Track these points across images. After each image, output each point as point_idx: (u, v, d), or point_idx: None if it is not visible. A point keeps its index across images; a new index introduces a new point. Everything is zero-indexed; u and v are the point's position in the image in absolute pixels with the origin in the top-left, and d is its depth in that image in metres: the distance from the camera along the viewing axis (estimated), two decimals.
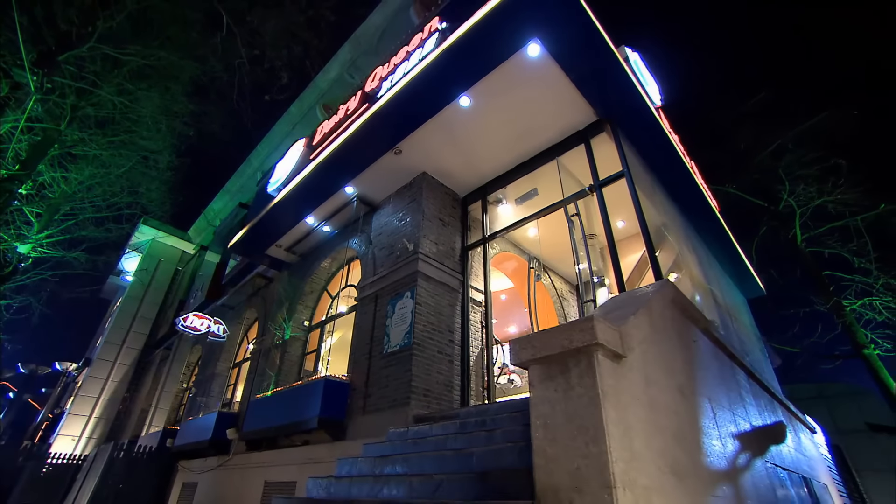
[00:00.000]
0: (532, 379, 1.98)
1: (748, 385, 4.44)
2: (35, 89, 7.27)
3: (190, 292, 14.71)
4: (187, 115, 11.90)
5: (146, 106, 10.70)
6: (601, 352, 1.84)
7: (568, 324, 1.89)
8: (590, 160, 5.30)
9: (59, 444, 13.12)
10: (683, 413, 2.49)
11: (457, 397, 4.98)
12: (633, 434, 1.84)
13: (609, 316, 2.38)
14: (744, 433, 3.46)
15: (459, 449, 2.86)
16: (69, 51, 8.03)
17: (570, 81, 4.95)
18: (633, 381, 2.05)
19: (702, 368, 3.19)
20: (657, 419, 2.14)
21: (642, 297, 2.63)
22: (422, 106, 5.25)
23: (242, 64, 9.52)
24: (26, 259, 11.08)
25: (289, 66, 10.34)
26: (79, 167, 11.05)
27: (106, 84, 9.46)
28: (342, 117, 6.29)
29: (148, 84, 10.56)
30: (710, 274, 7.19)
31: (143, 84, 10.41)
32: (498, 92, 5.08)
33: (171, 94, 11.20)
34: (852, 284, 8.97)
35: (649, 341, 2.36)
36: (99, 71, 9.20)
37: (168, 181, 13.48)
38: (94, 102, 9.71)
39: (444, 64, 4.83)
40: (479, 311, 5.74)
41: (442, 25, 5.26)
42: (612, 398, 1.79)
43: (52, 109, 8.64)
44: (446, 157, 5.92)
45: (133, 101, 10.30)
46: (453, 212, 6.32)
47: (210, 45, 10.04)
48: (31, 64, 7.27)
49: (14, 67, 7.14)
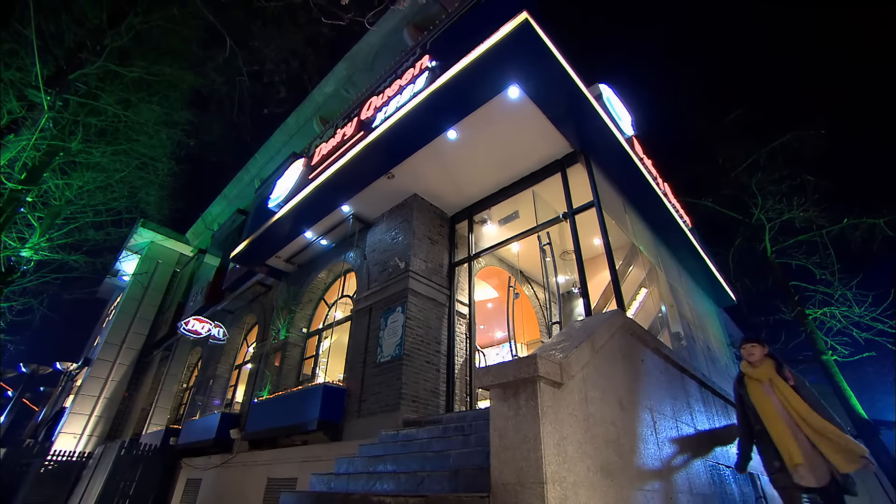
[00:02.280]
0: (492, 399, 2.53)
1: (699, 394, 5.03)
2: (48, 108, 7.69)
3: (189, 295, 15.13)
4: (186, 124, 12.30)
5: (147, 115, 11.08)
6: (543, 381, 2.40)
7: (518, 359, 2.44)
8: (565, 189, 5.85)
9: (61, 441, 13.54)
10: (620, 423, 3.05)
11: (442, 402, 5.53)
12: (566, 443, 2.40)
13: (556, 348, 2.93)
14: (686, 437, 4.04)
15: (440, 451, 3.41)
16: (79, 69, 8.45)
17: (547, 119, 5.49)
18: (571, 401, 2.61)
19: (647, 383, 3.76)
20: (592, 429, 2.70)
21: (588, 330, 3.19)
22: (413, 137, 5.77)
23: (243, 81, 9.96)
24: (28, 262, 11.47)
25: (287, 81, 10.81)
26: (79, 173, 11.42)
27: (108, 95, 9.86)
28: (339, 141, 6.79)
29: (148, 93, 10.95)
30: (680, 286, 7.80)
31: (143, 94, 10.80)
32: (482, 126, 5.61)
33: (170, 102, 11.59)
34: (815, 294, 9.63)
35: (590, 366, 2.92)
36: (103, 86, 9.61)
37: (167, 186, 13.85)
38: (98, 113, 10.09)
39: (433, 102, 5.35)
40: (464, 322, 6.29)
41: (432, 64, 5.77)
42: (550, 415, 2.35)
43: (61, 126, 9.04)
44: (435, 181, 6.45)
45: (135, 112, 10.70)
46: (441, 230, 6.85)
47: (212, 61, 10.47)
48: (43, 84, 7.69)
49: (29, 88, 7.55)
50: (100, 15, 8.38)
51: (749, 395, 3.31)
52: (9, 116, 7.32)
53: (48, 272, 12.13)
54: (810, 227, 10.12)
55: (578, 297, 8.90)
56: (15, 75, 7.51)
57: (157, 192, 13.50)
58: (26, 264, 11.68)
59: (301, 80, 11.02)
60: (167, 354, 14.48)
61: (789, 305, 9.80)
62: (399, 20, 9.22)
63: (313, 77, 11.04)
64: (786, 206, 10.35)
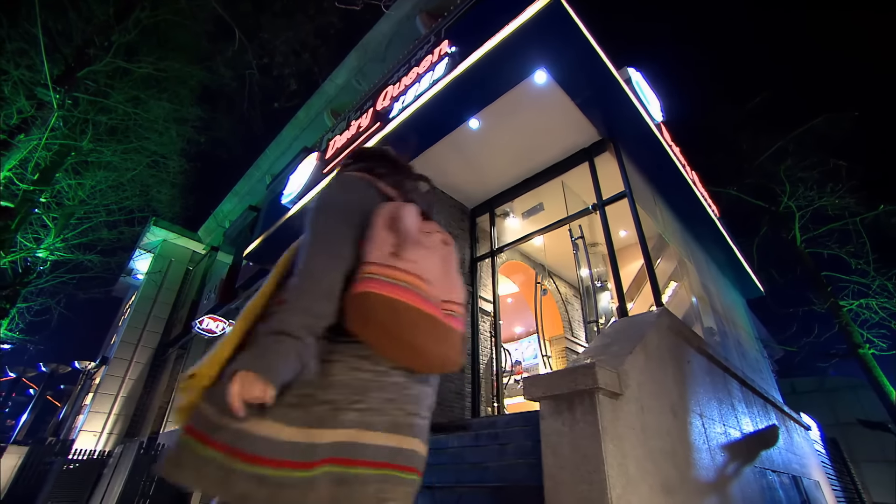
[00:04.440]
0: (543, 412, 2.29)
1: (741, 394, 4.75)
2: (57, 107, 7.55)
3: (202, 293, 15.11)
4: (197, 120, 12.16)
5: (156, 112, 10.93)
6: (601, 393, 2.15)
7: (573, 368, 2.20)
8: (594, 179, 5.55)
9: (81, 440, 13.66)
10: (675, 432, 2.80)
11: (468, 405, 5.32)
12: (627, 461, 2.16)
13: (607, 352, 2.68)
14: (734, 443, 3.78)
15: (476, 462, 3.19)
16: (87, 66, 8.30)
17: (574, 105, 5.19)
18: (629, 412, 2.36)
19: (694, 385, 3.50)
20: (649, 442, 2.45)
21: (639, 331, 2.93)
22: (433, 127, 5.50)
23: (253, 74, 9.75)
24: (45, 263, 11.48)
25: (297, 74, 10.59)
26: (91, 172, 11.35)
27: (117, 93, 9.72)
28: (355, 133, 6.55)
29: (158, 90, 10.80)
30: (709, 279, 7.47)
31: (152, 90, 10.64)
32: (506, 115, 5.33)
33: (179, 99, 11.45)
34: (849, 285, 9.22)
35: (644, 373, 2.66)
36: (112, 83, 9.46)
37: (178, 184, 13.76)
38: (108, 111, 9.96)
39: (454, 90, 5.07)
40: (487, 320, 6.05)
41: (451, 49, 5.48)
42: (610, 432, 2.10)
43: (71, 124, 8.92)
44: (455, 173, 6.19)
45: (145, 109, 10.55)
46: (462, 224, 6.60)
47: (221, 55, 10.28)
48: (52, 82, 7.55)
49: (38, 87, 7.42)
50: (106, 10, 8.20)
51: None
52: (18, 116, 7.19)
53: (64, 272, 12.15)
54: (843, 214, 9.66)
55: (603, 292, 8.62)
56: (24, 74, 7.37)
57: (168, 189, 13.41)
58: (42, 265, 11.71)
59: (311, 73, 10.81)
60: (182, 353, 14.50)
61: (821, 297, 9.39)
62: (411, 7, 8.91)
63: (324, 69, 10.82)
64: (816, 194, 9.90)
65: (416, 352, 0.91)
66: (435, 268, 0.98)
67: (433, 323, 0.91)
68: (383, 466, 0.83)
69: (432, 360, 0.94)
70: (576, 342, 7.99)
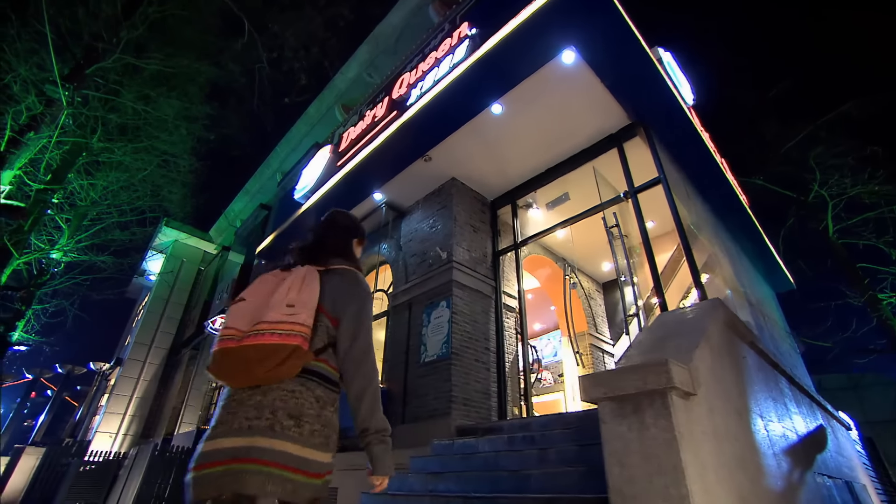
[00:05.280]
0: (603, 415, 2.01)
1: (790, 391, 4.42)
2: (67, 104, 7.42)
3: (214, 293, 15.02)
4: (206, 118, 12.03)
5: (166, 111, 10.79)
6: (675, 393, 1.87)
7: (641, 365, 1.92)
8: (623, 166, 5.25)
9: (98, 440, 13.65)
10: (742, 436, 2.51)
11: (494, 405, 5.05)
12: (706, 471, 1.87)
13: (667, 347, 2.40)
14: (793, 446, 3.46)
15: (515, 469, 2.92)
16: (96, 63, 8.17)
17: (603, 87, 4.88)
18: (701, 414, 2.07)
19: (751, 384, 3.19)
20: (722, 449, 2.16)
21: (698, 324, 2.63)
22: (453, 114, 5.24)
23: (262, 68, 9.55)
24: (59, 265, 11.45)
25: (307, 68, 10.37)
26: (103, 173, 11.28)
27: (127, 91, 9.59)
28: (369, 124, 6.31)
29: (167, 88, 10.67)
30: (741, 271, 7.11)
31: (162, 88, 10.51)
32: (530, 99, 5.04)
33: (189, 97, 11.31)
34: (888, 277, 8.76)
35: (710, 370, 2.37)
36: (121, 80, 9.33)
37: (188, 183, 13.66)
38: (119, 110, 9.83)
39: (476, 72, 4.81)
40: (512, 316, 5.78)
41: (471, 31, 5.21)
42: (687, 438, 1.82)
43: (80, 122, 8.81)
44: (476, 162, 5.91)
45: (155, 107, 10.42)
46: (483, 217, 6.33)
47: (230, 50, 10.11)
48: (61, 79, 7.42)
49: (47, 84, 7.29)
50: (114, 4, 8.05)
51: None
52: (27, 113, 7.06)
53: (78, 273, 12.11)
54: (879, 203, 9.19)
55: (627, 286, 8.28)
56: (34, 72, 7.24)
57: (179, 189, 13.30)
58: (56, 266, 11.67)
59: (322, 67, 10.57)
60: (195, 353, 14.43)
61: (857, 290, 8.95)
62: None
63: (334, 62, 10.58)
64: (850, 182, 9.44)
65: None
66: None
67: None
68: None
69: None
70: (600, 339, 7.67)
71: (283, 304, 1.29)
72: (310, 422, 1.23)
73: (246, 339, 1.22)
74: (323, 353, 1.36)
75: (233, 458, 1.12)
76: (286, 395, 1.23)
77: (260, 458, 1.13)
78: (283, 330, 1.23)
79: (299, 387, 1.26)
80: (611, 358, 7.73)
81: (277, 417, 1.19)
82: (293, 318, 1.26)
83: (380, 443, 1.38)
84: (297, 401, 1.24)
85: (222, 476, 1.11)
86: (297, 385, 1.26)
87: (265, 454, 1.13)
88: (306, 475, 1.17)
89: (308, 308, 1.30)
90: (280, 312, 1.27)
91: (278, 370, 1.21)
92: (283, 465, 1.14)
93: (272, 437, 1.16)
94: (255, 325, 1.25)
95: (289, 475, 1.14)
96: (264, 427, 1.16)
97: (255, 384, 1.23)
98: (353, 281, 1.46)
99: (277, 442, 1.16)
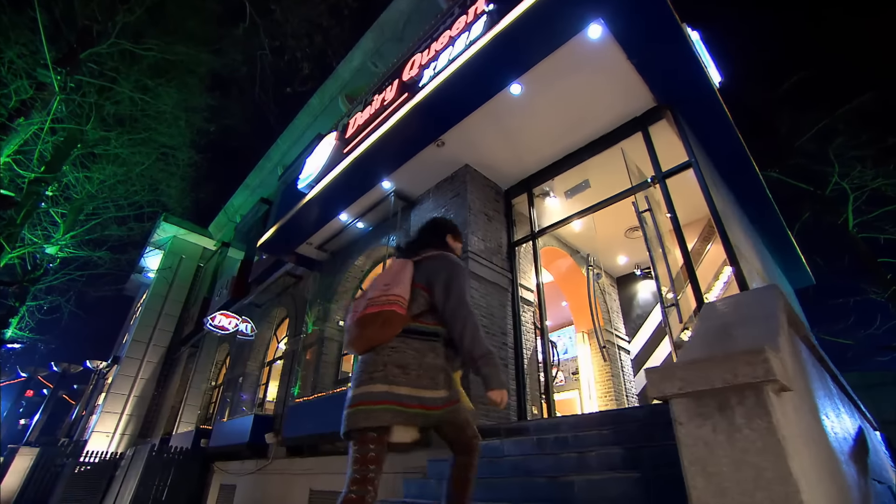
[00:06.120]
0: (677, 414, 1.70)
1: (835, 389, 4.11)
2: (59, 89, 7.08)
3: (214, 290, 14.68)
4: (206, 110, 11.69)
5: (165, 101, 10.44)
6: (771, 387, 1.55)
7: (729, 355, 1.60)
8: (649, 150, 4.95)
9: (94, 440, 13.32)
10: (821, 440, 2.20)
11: (513, 404, 4.74)
12: (809, 481, 1.56)
13: (735, 337, 2.09)
14: (852, 449, 3.15)
15: (552, 476, 2.61)
16: (90, 48, 7.83)
17: (630, 66, 4.57)
18: (792, 413, 1.76)
19: (811, 380, 2.88)
20: (814, 454, 1.85)
21: (767, 310, 2.32)
22: (469, 95, 4.92)
23: (265, 55, 9.22)
24: (54, 260, 11.11)
25: (310, 57, 10.04)
26: (100, 166, 10.94)
27: (125, 80, 9.24)
28: (378, 108, 5.99)
29: (166, 79, 10.32)
30: (766, 265, 6.81)
31: (161, 79, 10.16)
32: (551, 79, 4.72)
33: (188, 88, 10.97)
34: None
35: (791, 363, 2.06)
36: (118, 66, 8.98)
37: (187, 177, 13.31)
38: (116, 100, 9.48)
39: (494, 50, 4.49)
40: (529, 310, 5.46)
41: (489, 7, 4.89)
42: (789, 441, 1.51)
43: (74, 110, 8.46)
44: (492, 148, 5.60)
45: (153, 97, 10.07)
46: (497, 206, 6.01)
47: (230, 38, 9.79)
48: (53, 64, 7.08)
49: (38, 68, 6.95)
50: None
51: None
52: (17, 98, 6.72)
53: (73, 269, 11.76)
54: None
55: (641, 280, 7.98)
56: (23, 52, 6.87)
57: (178, 183, 12.95)
58: (51, 262, 11.33)
59: (325, 55, 10.23)
60: (194, 351, 14.09)
61: (879, 285, 8.65)
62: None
63: (338, 51, 10.24)
64: (870, 175, 9.14)
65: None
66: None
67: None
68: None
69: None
70: (616, 335, 7.36)
71: (381, 285, 1.72)
72: (414, 369, 1.63)
73: (358, 315, 1.68)
74: (421, 315, 1.75)
75: (364, 401, 1.57)
76: (391, 351, 1.65)
77: (382, 399, 1.56)
78: (381, 301, 1.66)
79: (400, 343, 1.66)
80: (626, 354, 7.43)
81: (388, 369, 1.60)
82: (388, 292, 1.68)
83: (486, 364, 1.70)
84: (399, 354, 1.64)
85: (357, 413, 1.56)
86: (399, 343, 1.67)
87: (385, 396, 1.56)
88: (423, 408, 1.59)
89: (401, 284, 1.71)
90: (378, 290, 1.70)
91: (382, 331, 1.63)
92: (399, 403, 1.56)
93: (387, 383, 1.58)
94: (364, 304, 1.70)
95: (406, 410, 1.56)
96: (380, 377, 1.59)
97: (370, 347, 1.66)
98: (441, 259, 1.89)
99: (393, 387, 1.58)
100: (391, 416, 1.55)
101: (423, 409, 1.59)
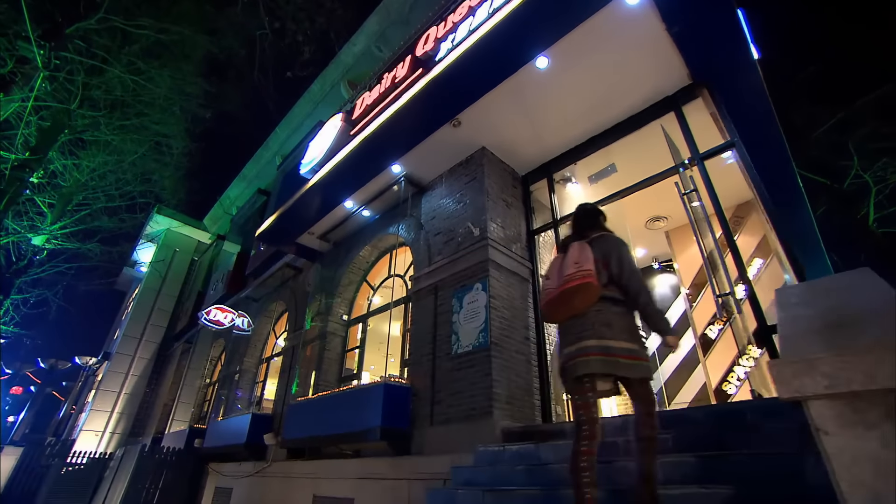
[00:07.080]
0: (820, 421, 1.32)
1: None
2: (42, 65, 6.60)
3: (209, 283, 14.19)
4: (202, 96, 11.19)
5: (158, 86, 9.93)
6: None
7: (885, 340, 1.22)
8: (683, 130, 4.58)
9: (82, 440, 12.82)
10: None
11: (538, 403, 4.37)
12: None
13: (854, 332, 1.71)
14: None
15: (612, 489, 2.23)
16: (77, 22, 7.34)
17: (667, 37, 4.19)
18: None
19: None
20: None
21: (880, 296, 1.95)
22: (490, 69, 4.52)
23: (265, 34, 8.76)
24: (41, 251, 10.59)
25: (312, 40, 9.59)
26: (90, 154, 10.43)
27: (116, 62, 8.74)
28: (389, 86, 5.58)
29: (160, 63, 9.81)
30: None
31: (154, 63, 9.65)
32: (582, 51, 4.33)
33: (183, 73, 10.47)
34: None
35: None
36: (109, 45, 8.47)
37: (182, 167, 12.79)
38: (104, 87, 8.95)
39: (521, 17, 4.09)
40: None
41: None
42: None
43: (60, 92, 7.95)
44: (512, 129, 5.20)
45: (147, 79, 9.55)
46: (515, 192, 5.63)
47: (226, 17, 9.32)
48: (36, 37, 6.59)
49: (19, 41, 6.46)
50: None
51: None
52: None
53: (62, 261, 11.23)
54: None
55: (659, 274, 7.64)
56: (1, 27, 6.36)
57: (172, 173, 12.43)
58: (38, 253, 10.81)
59: (327, 38, 9.80)
60: (188, 347, 13.61)
61: None
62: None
63: (341, 34, 9.80)
64: (893, 167, 8.86)
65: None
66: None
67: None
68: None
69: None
70: None
71: (573, 263, 2.09)
72: (618, 325, 2.05)
73: (559, 289, 2.08)
74: (607, 286, 2.14)
75: (580, 354, 2.01)
76: (595, 313, 2.07)
77: (595, 352, 1.99)
78: (578, 276, 2.03)
79: (601, 306, 2.08)
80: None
81: (596, 327, 2.03)
82: (581, 268, 2.05)
83: (661, 320, 2.15)
84: (604, 315, 2.06)
85: (576, 365, 2.01)
86: (600, 306, 2.08)
87: (596, 349, 1.99)
88: (629, 358, 2.00)
89: (588, 261, 2.08)
90: (573, 268, 2.07)
91: (585, 299, 2.06)
92: (607, 354, 1.98)
93: (598, 338, 2.00)
94: (562, 281, 2.08)
95: (615, 360, 1.98)
96: (589, 335, 2.02)
97: (573, 315, 2.10)
98: (609, 237, 2.29)
99: (603, 341, 2.00)
100: (602, 364, 1.95)
101: (630, 358, 1.99)
